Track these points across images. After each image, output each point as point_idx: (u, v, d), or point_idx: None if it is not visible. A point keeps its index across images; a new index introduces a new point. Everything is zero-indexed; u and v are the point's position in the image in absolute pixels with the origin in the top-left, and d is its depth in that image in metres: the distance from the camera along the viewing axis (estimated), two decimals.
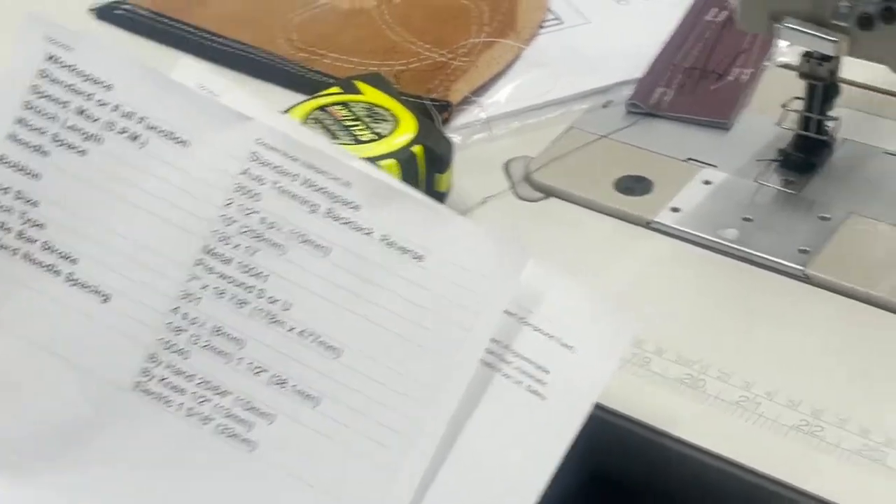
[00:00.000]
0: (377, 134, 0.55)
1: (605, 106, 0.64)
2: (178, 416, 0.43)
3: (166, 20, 0.71)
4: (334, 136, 0.55)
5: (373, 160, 0.54)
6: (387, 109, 0.57)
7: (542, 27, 0.70)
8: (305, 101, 0.58)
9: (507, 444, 0.43)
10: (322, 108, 0.57)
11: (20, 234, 0.45)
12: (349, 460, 0.42)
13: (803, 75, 0.57)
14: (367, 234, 0.43)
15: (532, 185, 0.59)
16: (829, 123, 0.58)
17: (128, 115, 0.45)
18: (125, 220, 0.44)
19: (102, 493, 0.44)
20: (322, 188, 0.44)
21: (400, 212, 0.43)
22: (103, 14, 0.72)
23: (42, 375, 0.44)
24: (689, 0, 0.71)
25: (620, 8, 0.72)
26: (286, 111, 0.57)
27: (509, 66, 0.67)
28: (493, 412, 0.43)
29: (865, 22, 0.51)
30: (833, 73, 0.57)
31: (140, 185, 0.44)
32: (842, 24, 0.52)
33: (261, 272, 0.44)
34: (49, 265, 0.45)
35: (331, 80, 0.64)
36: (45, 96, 0.45)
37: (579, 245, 0.56)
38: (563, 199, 0.58)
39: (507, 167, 0.61)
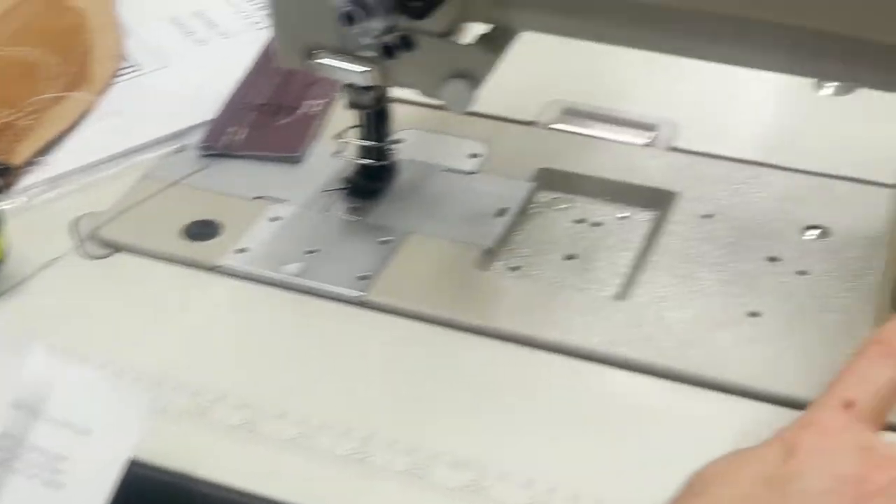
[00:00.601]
0: None
1: (178, 151, 0.64)
2: None
3: None
4: None
5: None
6: None
7: (117, 76, 0.69)
8: None
9: None
10: None
11: None
12: None
13: (351, 105, 0.58)
14: None
15: (99, 242, 0.58)
16: (390, 147, 0.61)
17: None
18: None
19: None
20: None
21: None
22: None
23: None
24: (266, 37, 0.72)
25: (199, 49, 0.72)
26: None
27: (81, 119, 0.65)
28: None
29: (388, 51, 0.53)
30: (380, 99, 0.58)
31: None
32: (368, 54, 0.54)
33: None
34: None
35: None
36: None
37: (147, 298, 0.55)
38: (131, 252, 0.58)
39: (75, 226, 0.59)
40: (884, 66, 0.46)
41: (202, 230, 0.58)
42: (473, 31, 0.54)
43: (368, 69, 0.54)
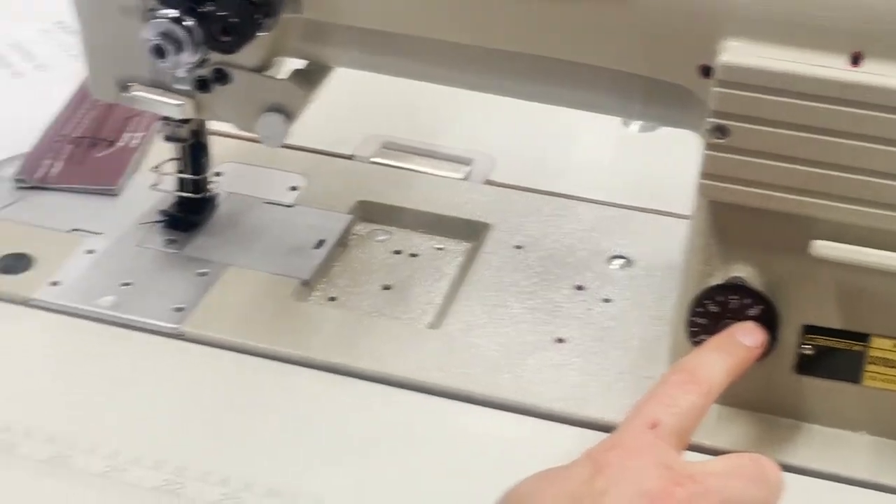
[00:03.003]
0: None
1: None
2: None
3: None
4: None
5: None
6: None
7: None
8: None
9: None
10: None
11: None
12: None
13: (167, 138, 0.58)
14: None
15: None
16: (210, 180, 0.61)
17: None
18: None
19: None
20: None
21: None
22: None
23: None
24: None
25: (15, 82, 0.71)
26: None
27: None
28: None
29: (202, 84, 0.53)
30: (197, 132, 0.59)
31: None
32: (183, 87, 0.54)
33: None
34: None
35: None
36: None
37: None
38: None
39: None
40: (660, 102, 0.49)
41: (14, 263, 0.57)
42: (289, 65, 0.56)
43: (182, 102, 0.55)
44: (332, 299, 0.57)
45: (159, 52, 0.49)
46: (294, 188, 0.63)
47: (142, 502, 0.47)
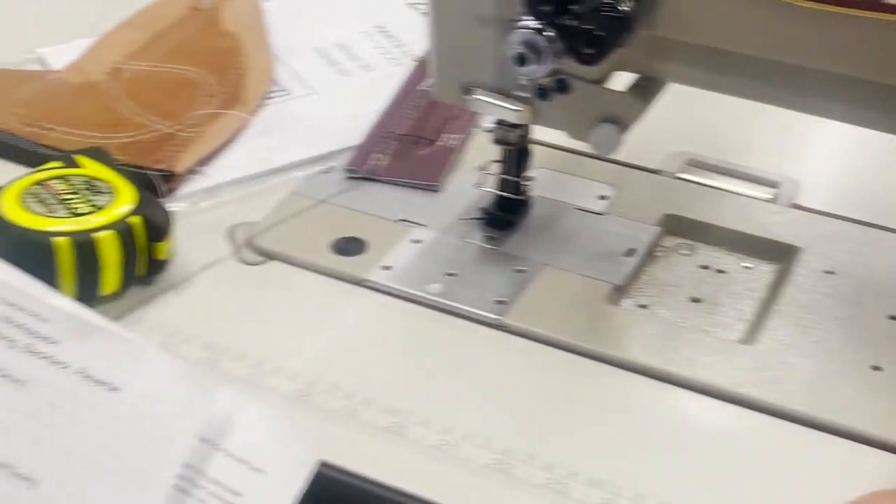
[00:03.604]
0: (95, 206, 0.57)
1: (325, 172, 0.68)
2: None
3: None
4: (51, 210, 0.57)
5: (91, 231, 0.56)
6: (106, 182, 0.59)
7: (268, 98, 0.74)
8: (23, 176, 0.59)
9: None
10: (40, 182, 0.58)
11: None
12: None
13: (497, 141, 0.62)
14: (63, 367, 0.46)
15: (254, 249, 0.62)
16: (526, 183, 0.64)
17: None
18: None
19: None
20: (21, 324, 0.46)
21: (97, 346, 0.46)
22: None
23: None
24: (406, 71, 0.76)
25: (343, 79, 0.76)
26: (3, 187, 0.58)
27: (236, 135, 0.70)
28: None
29: (543, 93, 0.57)
30: (524, 137, 0.62)
31: None
32: (523, 94, 0.58)
33: None
34: None
35: (56, 154, 0.66)
36: None
37: (297, 305, 0.59)
38: (283, 262, 0.62)
39: (231, 233, 0.63)
40: None
41: (349, 246, 0.62)
42: (621, 79, 0.58)
43: (521, 108, 0.59)
44: (643, 307, 0.60)
45: (520, 60, 0.52)
46: (603, 197, 0.66)
47: (473, 476, 0.50)
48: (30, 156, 0.67)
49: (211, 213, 0.65)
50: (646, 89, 0.57)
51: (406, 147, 0.70)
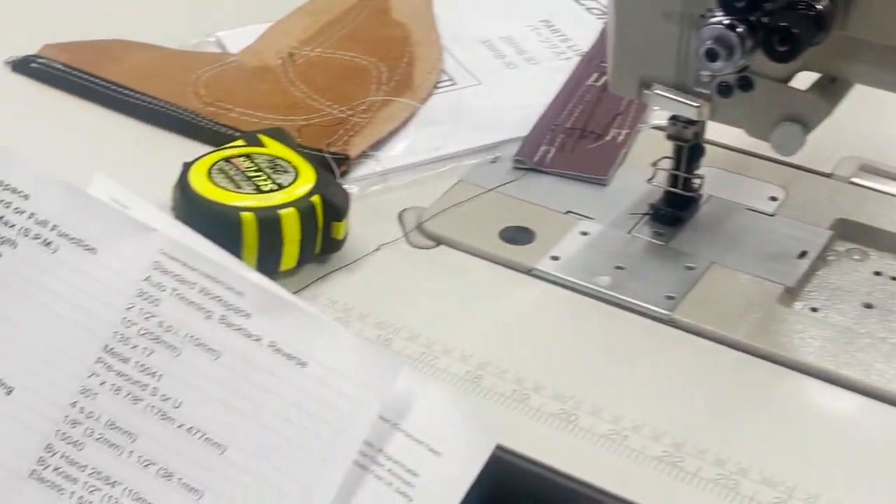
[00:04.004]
0: (278, 184, 0.59)
1: (492, 161, 0.69)
2: None
3: (79, 74, 0.74)
4: (237, 186, 0.59)
5: (275, 208, 0.58)
6: (288, 161, 0.61)
7: (436, 87, 0.75)
8: (211, 152, 0.61)
9: None
10: (226, 159, 0.61)
11: None
12: None
13: (670, 137, 0.62)
14: (256, 340, 0.47)
15: (424, 233, 0.64)
16: (696, 181, 0.64)
17: (42, 223, 0.48)
18: (33, 319, 0.48)
19: None
20: (217, 297, 0.48)
21: (288, 321, 0.48)
22: (18, 67, 0.75)
23: None
24: (571, 66, 0.77)
25: (509, 72, 0.77)
26: (192, 162, 0.60)
27: (405, 122, 0.71)
28: None
29: (725, 90, 0.56)
30: (698, 134, 0.62)
31: (49, 287, 0.48)
32: (704, 91, 0.58)
33: (156, 372, 0.47)
34: None
35: (236, 134, 0.68)
36: None
37: (466, 290, 0.60)
38: (452, 247, 0.63)
39: (400, 217, 0.65)
40: None
41: (518, 235, 0.63)
42: (803, 79, 0.58)
43: (699, 105, 0.58)
44: (814, 310, 0.59)
45: (712, 55, 0.52)
46: (773, 198, 0.65)
47: (643, 467, 0.50)
48: (210, 134, 0.69)
49: (381, 196, 0.67)
50: (832, 90, 0.56)
51: (573, 140, 0.70)
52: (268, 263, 0.58)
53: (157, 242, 0.48)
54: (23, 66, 0.75)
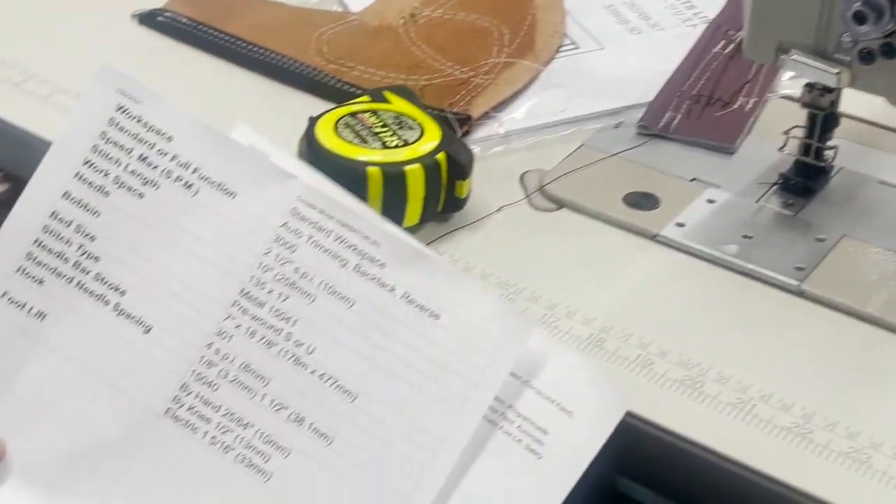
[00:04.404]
0: (404, 140, 0.59)
1: (615, 127, 0.68)
2: (203, 444, 0.47)
3: (205, 28, 0.75)
4: (364, 141, 0.59)
5: (401, 164, 0.58)
6: (413, 118, 0.61)
7: (558, 51, 0.74)
8: (337, 107, 0.61)
9: (504, 495, 0.46)
10: (352, 114, 0.60)
11: (76, 265, 0.48)
12: (355, 499, 0.46)
13: (805, 105, 0.60)
14: (390, 290, 0.47)
15: (546, 196, 0.63)
16: (828, 151, 0.62)
17: (184, 166, 0.49)
18: (172, 260, 0.48)
19: None
20: (353, 245, 0.48)
21: (422, 273, 0.48)
22: (145, 20, 0.76)
23: (81, 396, 0.48)
24: (697, 32, 0.75)
25: (633, 37, 0.76)
26: (319, 117, 0.61)
27: (527, 85, 0.71)
28: (492, 466, 0.46)
29: (867, 56, 0.55)
30: (833, 103, 0.60)
31: (189, 228, 0.48)
32: (844, 57, 0.56)
33: (290, 317, 0.47)
34: (99, 295, 0.48)
35: (358, 91, 0.68)
36: (112, 142, 0.49)
37: (588, 254, 0.60)
38: (574, 210, 0.62)
39: (522, 179, 0.64)
40: None
41: (642, 201, 0.62)
42: None
43: (839, 71, 0.57)
44: None
45: (860, 18, 0.51)
46: None
47: (772, 438, 0.49)
48: (333, 91, 0.69)
49: (502, 158, 0.66)
50: None
51: (700, 107, 0.68)
52: (391, 220, 0.57)
53: (295, 189, 0.49)
54: (149, 19, 0.76)
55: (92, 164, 0.49)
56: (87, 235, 0.48)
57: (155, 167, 0.49)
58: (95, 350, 0.48)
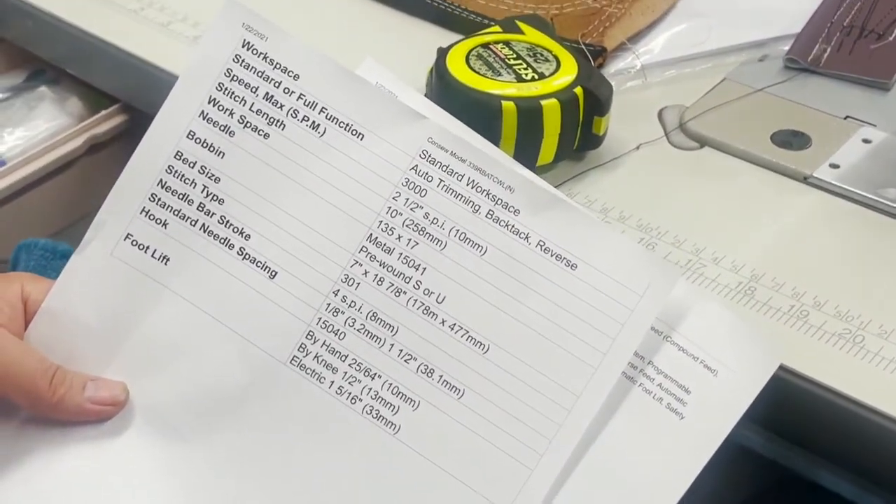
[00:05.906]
0: (539, 73, 0.56)
1: (760, 60, 0.63)
2: (329, 393, 0.45)
3: None
4: (497, 73, 0.55)
5: (538, 98, 0.54)
6: (548, 50, 0.57)
7: None
8: (468, 38, 0.58)
9: (642, 456, 0.44)
10: (485, 45, 0.57)
11: (200, 207, 0.46)
12: (486, 454, 0.44)
13: None
14: (524, 238, 0.45)
15: (686, 133, 0.59)
16: None
17: (311, 105, 0.46)
18: (298, 203, 0.46)
19: (249, 457, 0.45)
20: (486, 190, 0.45)
21: (558, 220, 0.45)
22: None
23: (206, 341, 0.46)
24: None
25: None
26: (449, 48, 0.57)
27: (664, 15, 0.66)
28: (631, 424, 0.44)
29: None
30: None
31: (315, 171, 0.46)
32: None
33: (419, 264, 0.45)
34: (224, 238, 0.46)
35: (485, 21, 0.65)
36: (237, 80, 0.47)
37: (734, 195, 0.56)
38: (717, 149, 0.58)
39: (660, 115, 0.61)
40: None
41: (791, 139, 0.58)
42: None
43: None
44: None
45: None
46: None
47: None
48: (460, 21, 0.66)
49: (638, 93, 0.62)
50: None
51: (852, 39, 0.64)
52: (524, 157, 0.54)
53: (426, 130, 0.46)
54: None
55: (217, 103, 0.47)
56: (211, 177, 0.46)
57: (281, 106, 0.46)
58: (220, 295, 0.46)
